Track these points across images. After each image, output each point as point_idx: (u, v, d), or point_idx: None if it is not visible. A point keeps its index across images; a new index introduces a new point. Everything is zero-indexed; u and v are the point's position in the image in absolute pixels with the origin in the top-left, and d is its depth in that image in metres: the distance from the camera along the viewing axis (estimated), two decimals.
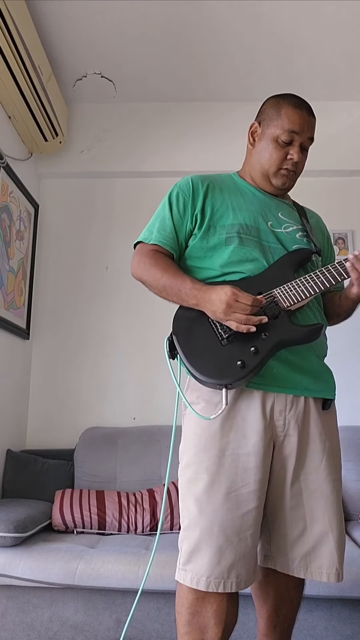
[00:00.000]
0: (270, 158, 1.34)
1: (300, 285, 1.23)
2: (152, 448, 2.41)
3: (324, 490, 1.22)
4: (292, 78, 2.76)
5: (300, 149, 1.34)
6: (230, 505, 1.15)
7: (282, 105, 1.35)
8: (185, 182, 1.39)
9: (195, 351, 1.23)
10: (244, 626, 1.71)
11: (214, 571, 1.12)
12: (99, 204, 2.97)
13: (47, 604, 1.78)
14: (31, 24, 2.24)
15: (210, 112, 2.94)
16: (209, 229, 1.33)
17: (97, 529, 2.11)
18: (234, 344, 1.20)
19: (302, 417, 1.24)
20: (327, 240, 1.52)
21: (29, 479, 2.35)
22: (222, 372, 1.18)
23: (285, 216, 1.38)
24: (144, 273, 1.31)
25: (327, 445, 1.26)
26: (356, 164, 2.87)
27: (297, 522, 1.22)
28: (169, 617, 1.74)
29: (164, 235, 1.34)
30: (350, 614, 1.72)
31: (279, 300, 1.22)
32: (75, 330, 2.83)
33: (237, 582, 1.13)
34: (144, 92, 2.88)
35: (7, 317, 2.47)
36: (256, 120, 1.42)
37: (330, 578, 1.20)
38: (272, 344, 1.19)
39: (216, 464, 1.18)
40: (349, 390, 2.70)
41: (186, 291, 1.24)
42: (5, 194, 2.48)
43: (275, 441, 1.23)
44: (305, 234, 1.38)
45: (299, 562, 1.22)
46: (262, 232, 1.32)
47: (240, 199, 1.37)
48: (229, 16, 2.34)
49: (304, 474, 1.23)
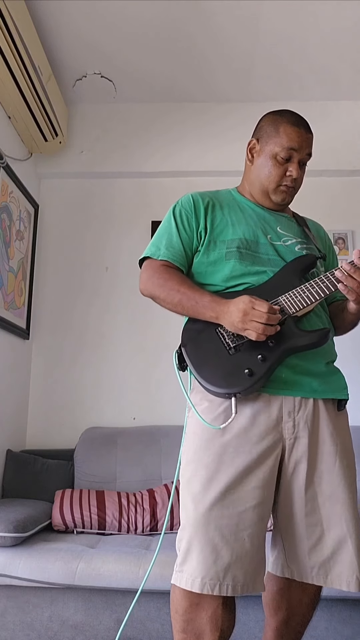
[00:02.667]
0: (270, 175, 1.36)
1: (305, 291, 1.24)
2: (152, 448, 2.41)
3: (339, 493, 1.20)
4: (292, 78, 2.77)
5: (298, 165, 1.36)
6: (227, 503, 1.14)
7: (280, 122, 1.36)
8: (186, 200, 1.40)
9: (203, 362, 1.24)
10: (244, 626, 1.71)
11: (209, 572, 1.09)
12: (98, 204, 2.97)
13: (47, 603, 1.78)
14: (31, 24, 2.24)
15: (210, 113, 2.94)
16: (209, 244, 1.35)
17: (97, 529, 2.11)
18: (242, 352, 1.21)
19: (312, 419, 1.22)
20: (329, 249, 1.54)
21: (29, 479, 2.35)
22: (231, 382, 1.18)
23: (284, 230, 1.39)
24: (157, 289, 1.30)
25: (340, 447, 1.23)
26: (356, 164, 2.87)
27: (313, 528, 1.19)
28: (169, 617, 1.74)
29: (172, 252, 1.34)
30: (351, 614, 1.72)
31: (285, 307, 1.23)
32: (75, 331, 2.83)
33: (233, 585, 1.10)
34: (144, 92, 2.88)
35: (7, 317, 2.47)
36: (254, 137, 1.43)
37: (351, 586, 1.15)
38: (280, 351, 1.19)
39: (215, 461, 1.17)
40: (350, 391, 2.69)
41: (204, 304, 1.24)
42: (5, 194, 2.48)
43: (284, 445, 1.21)
44: (305, 245, 1.39)
45: (318, 570, 1.19)
46: (262, 246, 1.34)
47: (239, 214, 1.39)
48: (229, 16, 2.34)
49: (318, 477, 1.21)
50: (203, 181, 2.71)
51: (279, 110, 1.42)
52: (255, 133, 1.44)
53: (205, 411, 1.23)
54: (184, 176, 2.90)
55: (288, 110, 1.41)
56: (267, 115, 1.43)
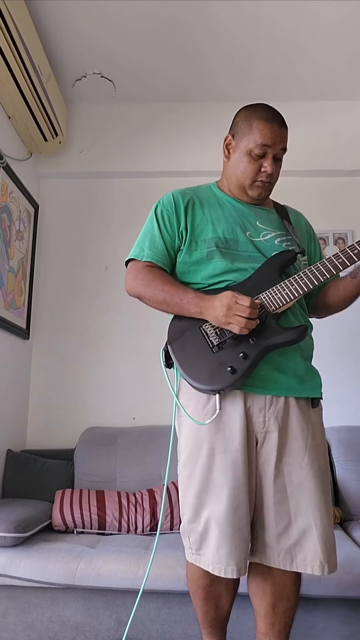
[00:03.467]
0: (245, 171, 1.39)
1: (285, 288, 1.28)
2: (152, 448, 2.41)
3: (307, 484, 1.27)
4: (292, 78, 2.77)
5: (273, 160, 1.38)
6: (224, 499, 1.24)
7: (254, 118, 1.38)
8: (167, 199, 1.44)
9: (188, 359, 1.29)
10: (243, 626, 1.72)
11: (214, 558, 1.24)
12: (98, 204, 2.97)
13: (47, 604, 1.78)
14: (31, 24, 2.24)
15: (210, 112, 2.94)
16: (191, 243, 1.39)
17: (97, 529, 2.11)
18: (224, 350, 1.26)
19: (282, 415, 1.29)
20: (312, 238, 1.56)
21: (29, 479, 2.36)
22: (214, 379, 1.25)
23: (263, 224, 1.42)
24: (142, 289, 1.36)
25: (310, 442, 1.30)
26: (356, 164, 2.87)
27: (282, 516, 1.27)
28: (169, 617, 1.75)
29: (156, 253, 1.39)
30: (349, 614, 1.72)
31: (266, 305, 1.27)
32: (75, 330, 2.83)
33: (238, 569, 1.24)
34: (144, 92, 2.88)
35: (7, 317, 2.47)
36: (230, 133, 1.45)
37: (315, 570, 1.24)
38: (261, 348, 1.24)
39: (209, 462, 1.27)
40: (349, 391, 2.70)
41: (189, 300, 1.29)
42: (5, 194, 2.48)
43: (257, 438, 1.29)
44: (285, 238, 1.41)
45: (284, 555, 1.27)
46: (241, 243, 1.37)
47: (219, 212, 1.41)
48: (229, 16, 2.34)
49: (288, 469, 1.28)
50: (203, 181, 2.67)
51: (253, 105, 1.43)
52: (231, 129, 1.45)
53: (194, 407, 1.30)
54: (184, 176, 2.90)
55: (262, 105, 1.42)
56: (242, 110, 1.44)
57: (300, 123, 2.92)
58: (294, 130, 2.90)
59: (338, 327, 2.75)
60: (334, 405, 2.68)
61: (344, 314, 2.75)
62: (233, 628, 1.69)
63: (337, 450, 2.41)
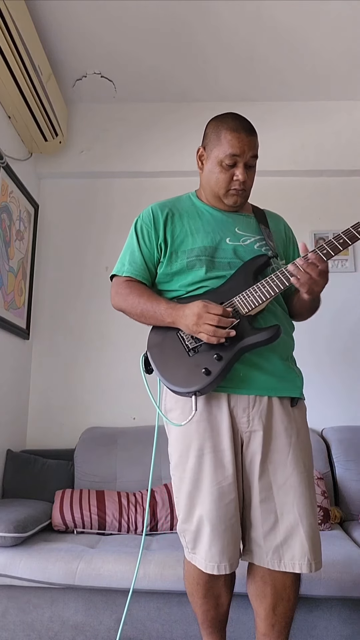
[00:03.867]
0: (218, 181, 1.42)
1: (257, 290, 1.32)
2: (152, 448, 2.40)
3: (292, 483, 1.29)
4: (292, 78, 2.77)
5: (245, 168, 1.40)
6: (214, 498, 1.28)
7: (221, 129, 1.41)
8: (146, 213, 1.49)
9: (166, 364, 1.34)
10: (243, 626, 1.71)
11: (207, 556, 1.28)
12: (98, 204, 2.97)
13: (47, 604, 1.78)
14: (31, 24, 2.24)
15: (210, 112, 2.90)
16: (171, 255, 1.43)
17: (97, 529, 2.11)
18: (200, 354, 1.30)
19: (267, 414, 1.32)
20: (290, 241, 1.58)
21: (29, 479, 2.35)
22: (189, 381, 1.28)
23: (242, 230, 1.45)
24: (122, 302, 1.43)
25: (293, 440, 1.32)
26: (356, 164, 2.87)
27: (268, 515, 1.30)
28: (169, 617, 1.74)
29: (135, 267, 1.45)
30: (350, 614, 1.72)
31: (238, 307, 1.31)
32: (75, 330, 2.83)
33: (230, 564, 1.28)
34: (144, 92, 2.88)
35: (7, 317, 2.47)
36: (202, 144, 1.49)
37: (303, 568, 1.26)
38: (235, 349, 1.28)
39: (198, 463, 1.31)
40: (349, 391, 2.70)
41: (161, 311, 1.35)
42: (5, 194, 2.48)
43: (242, 438, 1.33)
44: (264, 242, 1.44)
45: (272, 554, 1.29)
46: (221, 251, 1.41)
47: (198, 222, 1.45)
48: (230, 16, 2.34)
49: (273, 468, 1.31)
50: None
51: (221, 115, 1.46)
52: (202, 140, 1.49)
53: (182, 410, 1.34)
54: (184, 176, 2.89)
55: (230, 115, 1.45)
56: (211, 121, 1.48)
57: (301, 123, 2.93)
58: (293, 131, 2.94)
59: (338, 327, 2.75)
60: (334, 405, 2.69)
61: (344, 315, 2.76)
62: (233, 628, 1.69)
63: (337, 450, 2.41)
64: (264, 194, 3.08)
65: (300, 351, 1.63)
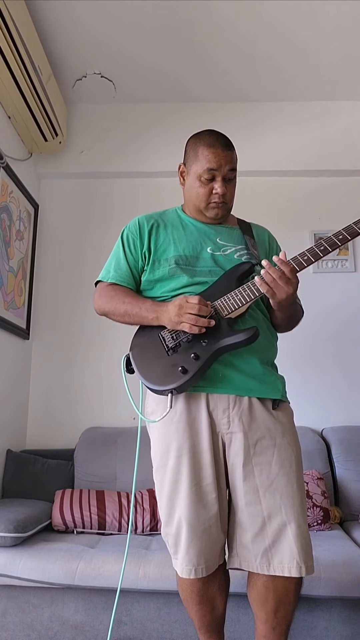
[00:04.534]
0: (198, 195, 1.46)
1: (237, 294, 1.35)
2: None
3: (278, 484, 1.29)
4: (292, 78, 2.77)
5: (223, 181, 1.43)
6: (192, 499, 1.29)
7: (199, 145, 1.46)
8: (133, 223, 1.54)
9: (146, 363, 1.37)
10: (243, 626, 1.71)
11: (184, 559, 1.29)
12: (98, 204, 2.97)
13: (47, 604, 1.78)
14: (31, 24, 2.24)
15: (210, 113, 2.94)
16: (154, 263, 1.46)
17: (97, 529, 2.11)
18: (178, 353, 1.32)
19: (248, 415, 1.32)
20: (273, 250, 1.60)
21: (29, 479, 2.35)
22: (166, 379, 1.30)
23: (223, 240, 1.49)
24: (106, 304, 1.47)
25: (278, 441, 1.32)
26: (356, 164, 2.87)
27: (255, 519, 1.29)
28: (169, 617, 1.74)
29: (120, 274, 1.49)
30: (350, 614, 1.72)
31: (219, 309, 1.33)
32: (75, 330, 2.82)
33: (207, 566, 1.29)
34: (144, 91, 2.88)
35: (7, 317, 2.47)
36: (183, 161, 1.54)
37: (292, 571, 1.25)
38: (212, 349, 1.30)
39: (177, 464, 1.32)
40: (349, 391, 2.70)
41: (147, 307, 1.39)
42: (5, 194, 2.48)
43: (224, 440, 1.33)
44: (245, 252, 1.47)
45: (261, 558, 1.28)
46: (202, 260, 1.44)
47: (181, 232, 1.49)
48: (229, 16, 2.34)
49: (258, 470, 1.30)
50: None
51: (199, 133, 1.51)
52: (183, 157, 1.54)
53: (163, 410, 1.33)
54: None
55: (206, 131, 1.49)
56: (190, 139, 1.53)
57: (301, 123, 2.93)
58: (294, 130, 2.94)
59: (338, 327, 2.75)
60: (334, 405, 2.69)
61: (344, 315, 2.76)
62: (233, 628, 1.69)
63: (337, 450, 2.41)
64: (264, 194, 3.10)
65: (300, 351, 1.64)
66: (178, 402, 1.34)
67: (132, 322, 1.44)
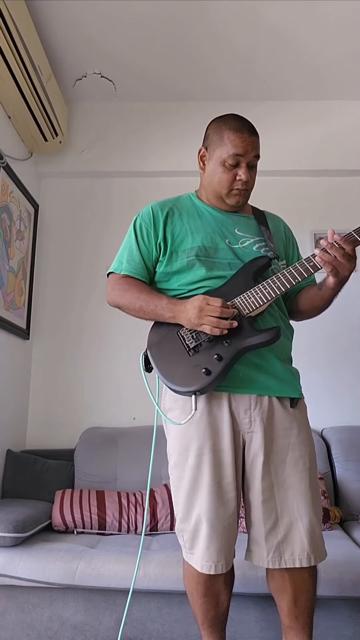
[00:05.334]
0: (220, 181, 1.42)
1: (258, 292, 1.32)
2: (152, 448, 2.40)
3: (292, 481, 1.30)
4: (292, 77, 2.77)
5: (247, 168, 1.40)
6: (213, 497, 1.29)
7: (224, 129, 1.41)
8: (146, 212, 1.48)
9: (166, 363, 1.35)
10: (244, 626, 1.71)
11: (204, 556, 1.29)
12: (99, 203, 2.97)
13: (47, 603, 1.78)
14: (31, 24, 2.24)
15: (209, 112, 2.90)
16: (171, 255, 1.43)
17: (97, 529, 2.11)
18: (200, 353, 1.30)
19: (268, 414, 1.33)
20: (290, 242, 1.58)
21: (29, 479, 2.35)
22: (189, 381, 1.29)
23: (242, 231, 1.46)
24: (120, 298, 1.44)
25: (293, 440, 1.33)
26: (356, 164, 2.87)
27: (269, 515, 1.30)
28: (169, 617, 1.74)
29: (133, 265, 1.45)
30: (351, 614, 1.72)
31: (240, 308, 1.31)
32: (75, 330, 2.82)
33: (226, 563, 1.30)
34: (144, 91, 2.88)
35: (7, 317, 2.47)
36: (203, 145, 1.49)
37: (303, 562, 1.27)
38: (235, 350, 1.28)
39: (198, 462, 1.31)
40: (349, 391, 2.70)
41: (162, 306, 1.36)
42: (5, 193, 2.48)
43: (244, 439, 1.33)
44: (264, 244, 1.44)
45: (273, 553, 1.30)
46: (220, 251, 1.41)
47: (198, 221, 1.45)
48: (229, 16, 2.34)
49: (274, 468, 1.31)
50: None
51: (223, 116, 1.47)
52: (204, 141, 1.49)
53: (182, 409, 1.33)
54: (184, 175, 2.89)
55: (231, 115, 1.45)
56: (212, 122, 1.48)
57: (301, 123, 2.92)
58: (294, 131, 2.94)
59: (338, 327, 2.75)
60: (334, 405, 2.69)
61: (344, 315, 2.76)
62: (233, 628, 1.68)
63: (337, 450, 2.41)
64: (264, 194, 3.09)
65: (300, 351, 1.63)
66: (199, 401, 1.32)
67: (147, 318, 1.42)
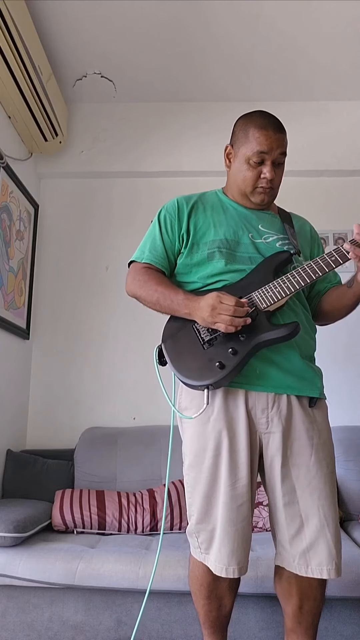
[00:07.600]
0: (245, 179, 1.41)
1: (277, 286, 1.29)
2: (152, 448, 2.40)
3: (316, 484, 1.27)
4: (292, 78, 2.77)
5: (272, 166, 1.39)
6: (227, 499, 1.26)
7: (249, 127, 1.39)
8: (171, 204, 1.48)
9: (180, 356, 1.32)
10: (243, 626, 1.71)
11: (217, 558, 1.26)
12: (98, 203, 2.97)
13: (47, 604, 1.78)
14: (31, 24, 2.24)
15: (209, 112, 2.94)
16: (192, 246, 1.41)
17: (97, 529, 2.11)
18: (215, 347, 1.28)
19: (286, 415, 1.29)
20: (315, 242, 1.56)
21: (29, 479, 2.35)
22: (203, 374, 1.26)
23: (265, 227, 1.44)
24: (138, 289, 1.40)
25: (315, 441, 1.30)
26: (356, 164, 2.87)
27: (293, 519, 1.28)
28: (169, 617, 1.74)
29: (155, 255, 1.43)
30: (351, 614, 1.72)
31: (257, 302, 1.29)
32: (75, 330, 2.82)
33: (239, 568, 1.26)
34: (144, 92, 2.88)
35: (7, 317, 2.47)
36: (230, 142, 1.48)
37: (331, 574, 1.24)
38: (250, 345, 1.25)
39: (215, 463, 1.28)
40: (349, 391, 2.69)
41: (179, 302, 1.33)
42: (5, 194, 2.48)
43: (261, 439, 1.31)
44: (288, 241, 1.43)
45: (299, 559, 1.27)
46: (242, 245, 1.39)
47: (222, 216, 1.44)
48: (229, 16, 2.34)
49: (295, 470, 1.28)
50: (203, 181, 2.71)
51: (250, 113, 1.45)
52: (231, 138, 1.48)
53: (198, 406, 1.30)
54: (184, 176, 2.90)
55: (258, 112, 1.43)
56: (239, 119, 1.47)
57: (300, 123, 2.92)
58: (293, 131, 2.90)
59: (339, 327, 2.74)
60: (333, 405, 2.68)
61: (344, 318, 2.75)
62: (233, 628, 1.68)
63: (337, 450, 2.40)
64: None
65: None
66: (215, 399, 1.30)
67: (163, 311, 1.39)
